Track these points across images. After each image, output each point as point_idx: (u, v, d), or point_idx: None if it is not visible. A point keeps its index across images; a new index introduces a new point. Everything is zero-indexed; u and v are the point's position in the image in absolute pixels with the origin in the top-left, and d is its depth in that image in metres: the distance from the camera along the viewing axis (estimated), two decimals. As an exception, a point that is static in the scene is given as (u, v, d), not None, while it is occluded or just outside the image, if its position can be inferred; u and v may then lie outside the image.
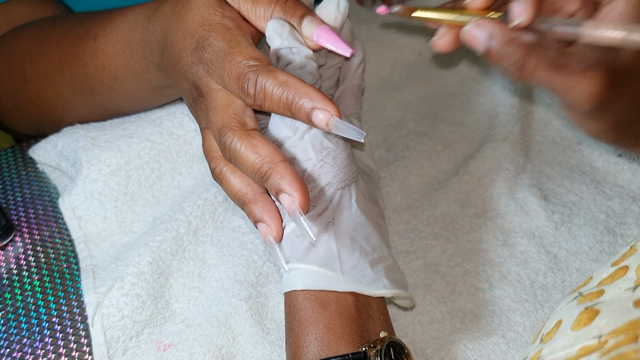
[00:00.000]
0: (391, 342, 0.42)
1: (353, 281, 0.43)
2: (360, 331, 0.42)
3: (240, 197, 0.45)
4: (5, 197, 0.61)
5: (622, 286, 0.33)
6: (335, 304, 0.43)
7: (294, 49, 0.46)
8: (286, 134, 0.45)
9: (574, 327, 0.32)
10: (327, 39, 0.46)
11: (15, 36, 0.63)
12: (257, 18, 0.47)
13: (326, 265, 0.43)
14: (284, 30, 0.46)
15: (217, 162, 0.46)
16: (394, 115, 0.67)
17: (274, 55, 0.46)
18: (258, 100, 0.43)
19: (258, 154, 0.42)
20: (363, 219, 0.45)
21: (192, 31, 0.45)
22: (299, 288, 0.43)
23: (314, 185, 0.44)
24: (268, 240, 0.44)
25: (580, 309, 0.33)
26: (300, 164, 0.45)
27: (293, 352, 0.43)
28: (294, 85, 0.42)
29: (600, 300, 0.33)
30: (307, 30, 0.46)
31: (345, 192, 0.45)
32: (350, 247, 0.44)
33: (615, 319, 0.30)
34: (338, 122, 0.41)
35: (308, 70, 0.46)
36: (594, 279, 0.36)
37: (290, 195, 0.41)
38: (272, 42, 0.46)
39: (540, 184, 0.58)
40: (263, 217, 0.44)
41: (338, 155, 0.45)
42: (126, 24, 0.53)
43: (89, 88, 0.57)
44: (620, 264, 0.35)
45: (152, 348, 0.49)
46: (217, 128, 0.44)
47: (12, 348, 0.50)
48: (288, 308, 0.44)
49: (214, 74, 0.44)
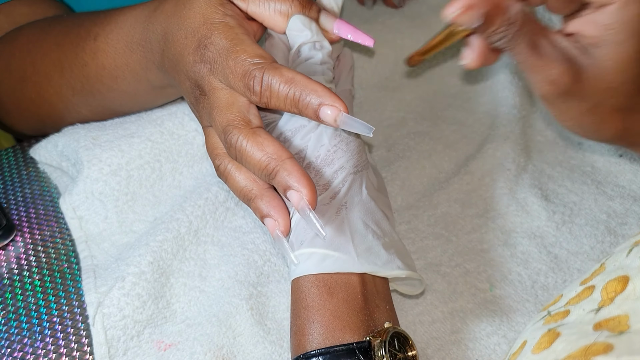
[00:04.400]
0: (395, 333, 0.42)
1: (368, 262, 0.43)
2: (366, 320, 0.42)
3: (246, 193, 0.45)
4: (6, 196, 0.61)
5: (586, 307, 0.32)
6: (343, 292, 0.42)
7: (317, 44, 0.46)
8: (303, 122, 0.46)
9: (535, 350, 0.32)
10: (349, 30, 0.47)
11: (16, 36, 0.63)
12: (272, 13, 0.47)
13: (340, 248, 0.43)
14: (312, 24, 0.46)
15: (222, 160, 0.46)
16: (394, 115, 0.67)
17: (297, 50, 0.47)
18: (264, 97, 0.43)
19: (264, 152, 0.42)
20: (373, 205, 0.46)
21: (194, 30, 0.45)
22: (313, 272, 0.42)
23: (327, 169, 0.45)
24: (276, 234, 0.44)
25: (544, 331, 0.33)
26: (314, 150, 0.45)
27: (297, 340, 0.42)
28: (300, 82, 0.42)
29: (564, 322, 0.32)
30: (327, 23, 0.47)
31: (357, 177, 0.45)
32: (363, 230, 0.44)
33: (571, 344, 0.30)
34: (346, 118, 0.41)
35: (329, 67, 0.47)
36: (563, 297, 0.36)
37: (298, 192, 0.41)
38: (299, 36, 0.46)
39: (541, 184, 0.58)
40: (270, 212, 0.44)
41: (351, 142, 0.46)
42: (126, 24, 0.53)
43: (89, 88, 0.57)
44: (588, 283, 0.34)
45: (152, 348, 0.49)
46: (221, 127, 0.44)
47: (13, 348, 0.50)
48: (295, 295, 0.44)
49: (217, 73, 0.44)
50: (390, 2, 0.79)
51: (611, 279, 0.33)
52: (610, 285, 0.32)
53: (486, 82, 0.69)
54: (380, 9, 0.80)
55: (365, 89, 0.70)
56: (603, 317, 0.31)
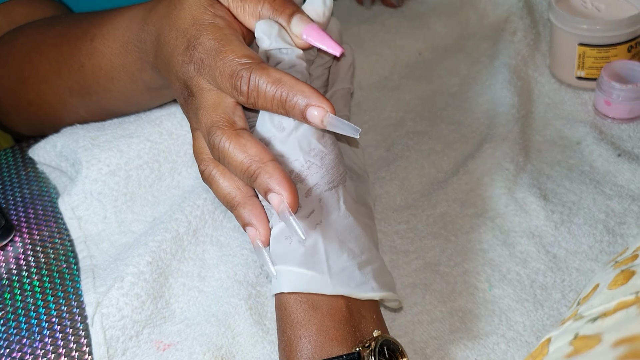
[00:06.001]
0: (385, 341, 0.41)
1: (341, 284, 0.42)
2: (354, 332, 0.42)
3: (229, 200, 0.45)
4: (5, 197, 0.61)
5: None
6: (327, 306, 0.42)
7: (282, 49, 0.46)
8: (273, 134, 0.45)
9: (611, 287, 0.32)
10: (317, 37, 0.46)
11: (14, 37, 0.63)
12: (245, 15, 0.46)
13: (314, 267, 0.42)
14: (272, 31, 0.46)
15: (207, 165, 0.46)
16: (393, 115, 0.67)
17: (264, 55, 0.46)
18: (251, 98, 0.43)
19: (246, 154, 0.42)
20: (351, 221, 0.45)
21: (184, 31, 0.45)
22: (286, 290, 0.42)
23: (301, 187, 0.44)
24: (256, 244, 0.44)
25: (617, 272, 0.33)
26: (288, 165, 0.44)
27: (286, 356, 0.42)
28: (287, 82, 0.42)
29: (635, 263, 0.33)
30: (296, 28, 0.46)
31: (333, 193, 0.45)
32: (338, 250, 0.43)
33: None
34: (333, 119, 0.41)
35: (297, 69, 0.46)
36: (629, 249, 0.36)
37: (279, 195, 0.41)
38: (261, 42, 0.46)
39: (539, 183, 0.58)
40: (251, 220, 0.44)
41: (326, 156, 0.45)
42: (122, 25, 0.53)
43: (86, 89, 0.57)
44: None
45: (151, 348, 0.49)
46: (206, 127, 0.44)
47: (11, 348, 0.50)
48: (279, 311, 0.43)
49: (205, 73, 0.44)
50: (389, 1, 0.79)
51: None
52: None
53: (485, 82, 0.69)
54: (379, 9, 0.80)
55: (364, 89, 0.70)
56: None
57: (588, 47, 0.64)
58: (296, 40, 0.46)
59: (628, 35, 0.63)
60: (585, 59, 0.65)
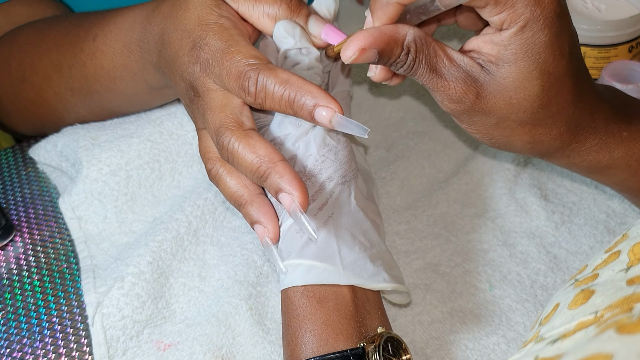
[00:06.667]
0: (389, 337, 0.42)
1: (354, 275, 0.43)
2: (358, 327, 0.42)
3: (236, 198, 0.45)
4: (6, 197, 0.61)
5: (615, 268, 0.33)
6: (334, 300, 0.43)
7: (303, 49, 0.46)
8: (289, 131, 0.45)
9: (571, 307, 0.32)
10: (335, 37, 0.47)
11: (14, 37, 0.63)
12: (260, 15, 0.47)
13: (327, 260, 0.43)
14: (296, 31, 0.46)
15: (214, 163, 0.46)
16: (394, 115, 0.67)
17: (282, 56, 0.47)
18: (259, 98, 0.43)
19: (256, 154, 0.42)
20: (362, 215, 0.45)
21: (189, 31, 0.45)
22: (300, 283, 0.42)
23: (314, 180, 0.44)
24: (265, 241, 0.44)
25: (577, 291, 0.33)
26: (302, 160, 0.45)
27: (291, 350, 0.42)
28: (295, 83, 0.42)
29: (595, 283, 0.33)
30: (314, 28, 0.47)
31: (345, 188, 0.45)
32: (350, 242, 0.44)
33: (609, 297, 0.31)
34: (341, 119, 0.41)
35: (316, 72, 0.47)
36: (588, 266, 0.37)
37: (290, 194, 0.41)
38: (284, 42, 0.46)
39: (540, 184, 0.58)
40: (260, 218, 0.44)
41: (339, 151, 0.45)
42: (125, 24, 0.53)
43: (87, 88, 0.57)
44: (612, 250, 0.36)
45: (152, 348, 0.49)
46: (214, 128, 0.44)
47: (12, 348, 0.50)
48: (285, 305, 0.44)
49: (211, 74, 0.44)
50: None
51: (636, 242, 0.33)
52: (636, 247, 0.33)
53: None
54: (380, 9, 0.79)
55: (364, 89, 0.70)
56: (634, 274, 0.32)
57: (589, 47, 0.64)
58: (315, 40, 0.47)
59: (629, 35, 0.63)
60: (586, 59, 0.65)
